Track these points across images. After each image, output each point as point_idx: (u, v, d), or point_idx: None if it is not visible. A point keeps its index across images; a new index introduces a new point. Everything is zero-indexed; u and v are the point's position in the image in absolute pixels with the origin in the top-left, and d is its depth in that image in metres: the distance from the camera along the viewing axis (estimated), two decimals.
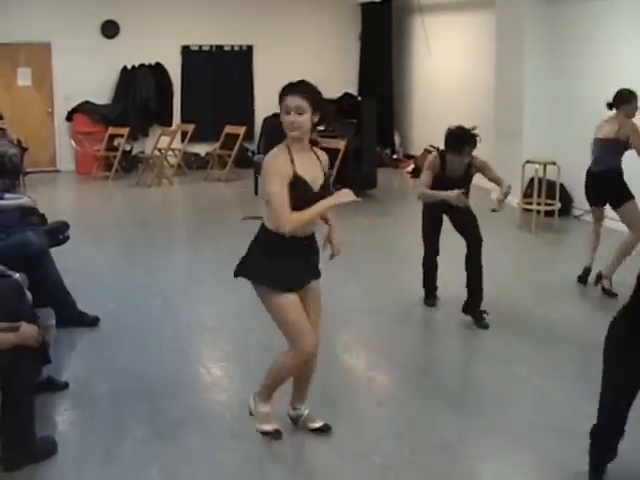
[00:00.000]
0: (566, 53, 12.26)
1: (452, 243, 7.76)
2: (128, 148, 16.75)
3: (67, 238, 8.16)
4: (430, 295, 8.03)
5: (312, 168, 4.90)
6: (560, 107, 12.36)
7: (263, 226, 4.97)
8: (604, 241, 8.69)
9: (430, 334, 7.38)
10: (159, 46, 17.11)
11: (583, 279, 8.65)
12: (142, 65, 17.22)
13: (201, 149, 17.42)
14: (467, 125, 7.42)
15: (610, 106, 8.30)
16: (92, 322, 7.39)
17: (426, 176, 7.37)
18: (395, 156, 17.84)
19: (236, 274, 5.06)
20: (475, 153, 7.33)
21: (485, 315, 7.38)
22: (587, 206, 11.63)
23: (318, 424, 5.40)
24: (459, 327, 7.47)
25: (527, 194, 11.80)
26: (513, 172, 12.01)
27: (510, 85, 13.04)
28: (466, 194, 7.18)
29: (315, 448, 5.19)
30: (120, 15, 16.90)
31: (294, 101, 4.79)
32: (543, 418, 5.61)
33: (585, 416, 5.58)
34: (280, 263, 4.91)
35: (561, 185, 11.66)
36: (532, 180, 11.75)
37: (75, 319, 7.31)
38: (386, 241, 11.02)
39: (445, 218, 7.65)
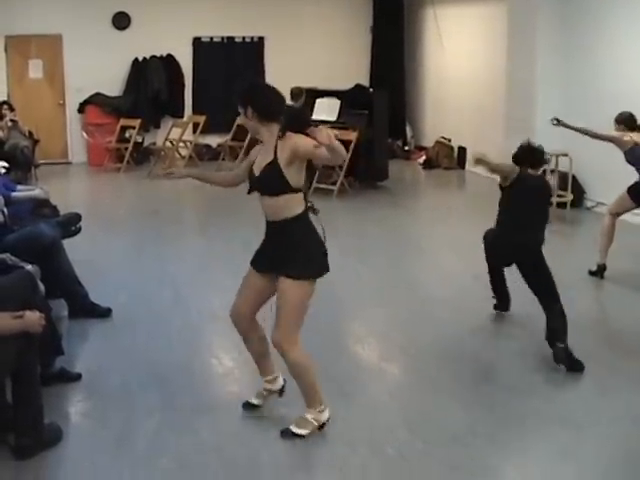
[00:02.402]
0: (579, 45, 12.22)
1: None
2: (140, 140, 16.75)
3: (79, 230, 8.18)
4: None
5: (263, 157, 5.03)
6: (572, 99, 12.31)
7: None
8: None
9: (443, 325, 7.36)
10: (170, 38, 17.11)
11: (598, 274, 8.66)
12: (153, 57, 17.22)
13: (212, 140, 17.42)
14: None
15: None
16: (104, 313, 7.40)
17: None
18: (407, 148, 17.80)
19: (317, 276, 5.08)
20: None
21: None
22: (599, 198, 11.63)
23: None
24: (472, 319, 7.46)
25: None
26: None
27: (522, 77, 13.00)
28: None
29: (327, 439, 5.18)
30: (131, 7, 16.91)
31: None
32: (555, 410, 5.60)
33: (597, 408, 5.60)
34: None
35: (573, 177, 11.63)
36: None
37: (87, 310, 7.32)
38: (398, 233, 11.00)
39: None
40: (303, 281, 4.99)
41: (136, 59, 17.15)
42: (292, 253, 5.01)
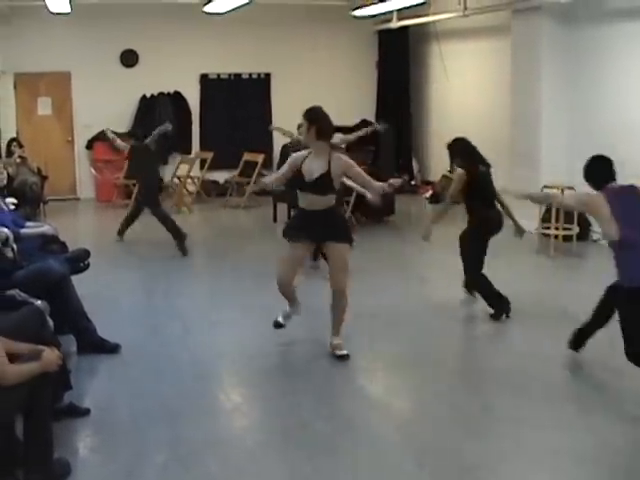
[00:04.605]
0: (583, 77, 12.29)
1: None
2: None
3: (88, 266, 8.23)
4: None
5: (315, 166, 6.95)
6: (577, 131, 12.37)
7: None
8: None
9: (448, 358, 7.37)
10: (178, 75, 17.25)
11: None
12: (161, 94, 17.36)
13: (220, 176, 17.49)
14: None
15: None
16: (113, 349, 7.41)
17: None
18: (413, 182, 17.84)
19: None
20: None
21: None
22: None
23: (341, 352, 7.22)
24: (478, 354, 7.47)
25: (545, 219, 11.79)
26: None
27: (527, 110, 13.07)
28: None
29: (335, 474, 5.18)
30: (139, 44, 17.07)
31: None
32: (561, 443, 5.58)
33: (605, 442, 5.57)
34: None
35: None
36: (550, 205, 11.75)
37: (96, 346, 7.33)
38: (405, 268, 11.02)
39: None
40: (346, 244, 7.16)
41: (144, 96, 17.28)
42: (336, 227, 7.15)
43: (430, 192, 16.75)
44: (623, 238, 6.03)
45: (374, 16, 16.44)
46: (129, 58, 17.18)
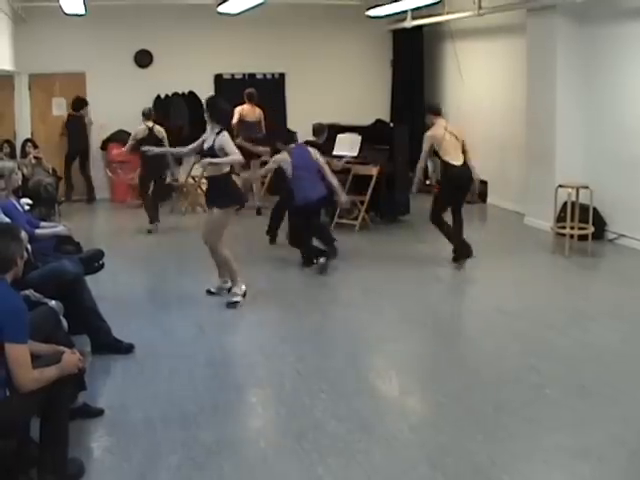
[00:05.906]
0: (598, 76, 12.23)
1: None
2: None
3: (102, 266, 8.25)
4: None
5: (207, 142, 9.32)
6: (593, 131, 12.32)
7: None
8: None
9: (461, 358, 7.35)
10: (192, 75, 17.23)
11: None
12: (175, 94, 17.35)
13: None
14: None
15: None
16: (127, 349, 7.42)
17: None
18: (428, 182, 17.77)
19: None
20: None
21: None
22: (621, 229, 11.60)
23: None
24: (494, 352, 7.45)
25: (560, 218, 11.74)
26: (546, 196, 12.01)
27: (542, 109, 13.02)
28: None
29: (348, 475, 5.16)
30: (153, 44, 17.06)
31: None
32: (576, 443, 5.55)
33: (618, 441, 5.55)
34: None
35: (594, 209, 11.61)
36: (565, 204, 11.71)
37: (110, 346, 7.35)
38: (420, 267, 10.97)
39: None
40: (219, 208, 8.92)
41: (158, 96, 17.28)
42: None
43: None
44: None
45: (388, 16, 16.42)
46: (143, 58, 17.19)
